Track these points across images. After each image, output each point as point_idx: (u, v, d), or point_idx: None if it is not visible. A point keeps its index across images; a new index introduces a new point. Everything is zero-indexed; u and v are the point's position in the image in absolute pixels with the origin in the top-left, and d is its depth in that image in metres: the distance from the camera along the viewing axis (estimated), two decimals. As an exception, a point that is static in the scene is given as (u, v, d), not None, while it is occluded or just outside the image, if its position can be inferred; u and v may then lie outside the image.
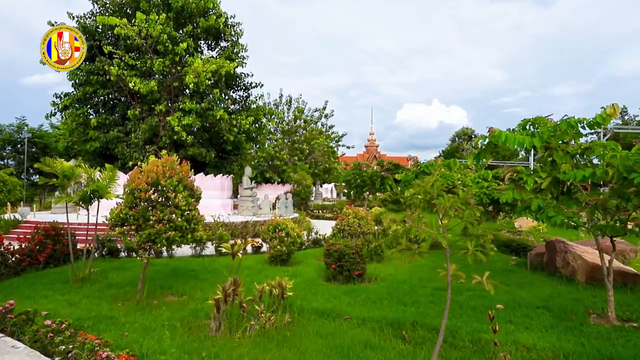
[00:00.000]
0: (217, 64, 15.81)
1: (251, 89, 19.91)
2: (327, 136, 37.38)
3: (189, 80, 15.00)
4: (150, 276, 7.42)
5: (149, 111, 16.32)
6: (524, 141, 5.84)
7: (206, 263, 9.10)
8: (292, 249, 8.97)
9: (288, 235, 8.96)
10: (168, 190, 5.70)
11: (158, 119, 15.82)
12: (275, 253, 8.79)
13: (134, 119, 16.06)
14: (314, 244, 11.89)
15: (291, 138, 35.73)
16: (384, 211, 21.52)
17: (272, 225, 9.05)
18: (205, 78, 15.64)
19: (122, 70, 15.68)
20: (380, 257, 9.66)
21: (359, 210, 9.89)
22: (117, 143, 15.95)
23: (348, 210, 9.93)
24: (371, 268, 8.61)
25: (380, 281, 7.49)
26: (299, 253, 10.72)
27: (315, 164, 36.48)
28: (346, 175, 32.72)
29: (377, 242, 9.70)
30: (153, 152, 15.71)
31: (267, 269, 8.48)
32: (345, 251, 7.29)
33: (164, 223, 5.62)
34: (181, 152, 16.35)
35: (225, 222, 14.05)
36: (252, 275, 7.87)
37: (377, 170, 32.00)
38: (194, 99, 16.10)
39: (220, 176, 17.58)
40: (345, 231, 9.73)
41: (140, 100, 16.93)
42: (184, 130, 15.53)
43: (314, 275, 7.89)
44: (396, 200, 40.27)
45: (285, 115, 37.12)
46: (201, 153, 16.32)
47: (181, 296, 6.49)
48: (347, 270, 7.26)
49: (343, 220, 9.83)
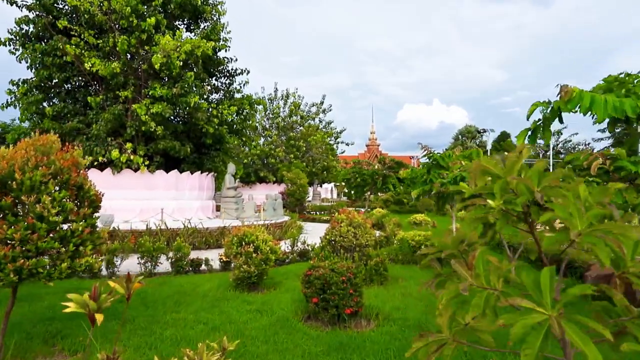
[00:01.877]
0: (192, 43, 13.53)
1: (236, 75, 17.62)
2: (325, 133, 35.06)
3: (155, 61, 12.72)
4: (41, 315, 5.13)
5: (114, 99, 14.05)
6: (623, 106, 3.50)
7: (149, 288, 6.81)
8: (264, 269, 6.67)
9: (258, 250, 6.66)
10: (26, 190, 3.38)
11: (123, 107, 13.54)
12: (241, 275, 6.50)
13: (97, 107, 13.80)
14: (300, 257, 9.59)
15: (287, 134, 33.44)
16: (386, 213, 19.20)
17: (236, 236, 6.75)
18: (177, 59, 13.35)
19: (81, 50, 13.41)
20: (383, 277, 7.36)
21: (354, 216, 7.58)
22: (76, 135, 13.69)
23: (340, 216, 7.63)
24: (370, 295, 6.31)
25: (384, 322, 5.17)
26: (279, 270, 8.42)
27: (312, 162, 34.17)
28: (345, 173, 30.44)
29: (378, 258, 7.40)
30: (117, 145, 13.44)
31: (226, 298, 6.18)
32: (332, 278, 4.98)
33: (13, 245, 3.31)
34: (151, 145, 14.06)
35: (199, 227, 11.78)
36: (202, 310, 5.58)
37: (379, 168, 29.69)
38: (167, 84, 13.83)
39: (199, 174, 15.29)
40: (337, 243, 7.43)
41: (105, 86, 14.66)
42: (153, 120, 13.26)
43: (289, 309, 5.59)
44: (399, 200, 37.87)
45: (281, 111, 34.87)
46: (174, 147, 14.04)
47: (75, 353, 4.20)
48: (335, 307, 4.96)
49: (334, 228, 7.53)
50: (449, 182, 6.25)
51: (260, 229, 7.00)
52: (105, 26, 13.86)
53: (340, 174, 31.57)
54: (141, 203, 13.74)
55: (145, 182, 13.88)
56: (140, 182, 13.78)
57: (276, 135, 32.93)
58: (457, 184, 5.79)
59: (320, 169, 34.21)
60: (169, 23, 15.09)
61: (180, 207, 14.50)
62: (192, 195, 15.09)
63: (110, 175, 13.54)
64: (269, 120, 34.93)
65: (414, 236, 9.53)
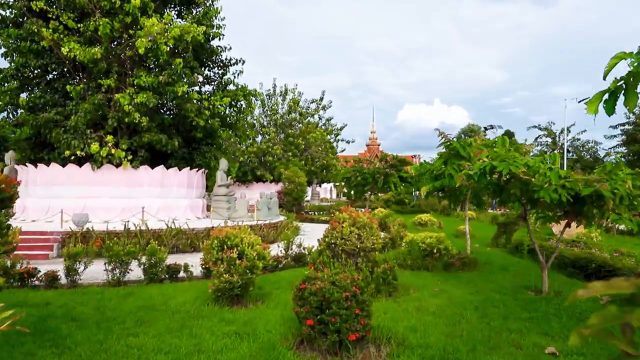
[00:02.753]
0: (180, 28, 12.40)
1: (230, 65, 16.48)
2: (325, 130, 33.92)
3: (139, 45, 11.59)
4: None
5: (96, 88, 12.91)
6: None
7: (110, 302, 5.66)
8: (250, 278, 5.53)
9: (243, 256, 5.51)
10: None
11: (105, 96, 12.39)
12: (222, 286, 5.35)
13: (77, 97, 12.65)
14: (295, 262, 8.45)
15: (285, 132, 32.31)
16: (389, 213, 18.08)
17: (217, 239, 5.60)
18: (165, 44, 12.23)
19: (59, 34, 12.28)
20: (392, 287, 6.22)
21: (358, 214, 6.43)
22: (53, 128, 12.55)
23: (342, 215, 6.48)
24: (379, 311, 5.17)
25: (399, 349, 4.02)
26: (270, 277, 7.28)
27: (311, 161, 33.04)
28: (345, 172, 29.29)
29: (386, 265, 6.26)
30: (97, 138, 12.29)
31: (201, 316, 5.04)
32: (333, 295, 3.84)
33: None
34: (135, 138, 12.91)
35: (184, 228, 10.63)
36: (167, 332, 4.43)
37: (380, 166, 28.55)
38: (154, 73, 12.69)
39: (187, 170, 14.14)
40: (338, 247, 6.28)
41: (86, 75, 13.54)
42: (137, 110, 12.12)
43: (277, 331, 4.44)
44: (400, 200, 36.69)
45: (279, 108, 33.75)
46: (160, 140, 12.89)
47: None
48: (336, 332, 3.81)
49: (335, 229, 6.38)
50: (476, 174, 5.12)
51: (246, 231, 5.86)
52: (87, 8, 12.73)
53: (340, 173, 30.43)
54: (123, 201, 12.60)
55: (128, 178, 12.74)
56: (122, 178, 12.65)
57: (274, 133, 31.81)
58: (486, 176, 4.62)
59: (319, 167, 33.07)
60: (158, 7, 13.96)
61: (167, 206, 13.35)
62: (180, 193, 13.95)
63: (90, 171, 12.41)
64: (267, 117, 33.83)
65: (425, 238, 8.39)
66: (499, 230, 11.54)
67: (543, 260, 6.15)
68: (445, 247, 8.33)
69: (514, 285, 6.77)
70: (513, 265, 8.48)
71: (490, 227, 17.64)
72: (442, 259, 8.20)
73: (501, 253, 10.24)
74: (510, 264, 8.62)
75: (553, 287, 6.35)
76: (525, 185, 5.17)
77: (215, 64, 16.33)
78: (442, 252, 8.26)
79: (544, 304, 5.54)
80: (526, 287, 6.62)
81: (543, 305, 5.51)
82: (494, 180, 5.66)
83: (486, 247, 11.25)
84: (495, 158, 5.27)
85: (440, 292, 6.32)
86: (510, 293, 6.22)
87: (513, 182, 5.33)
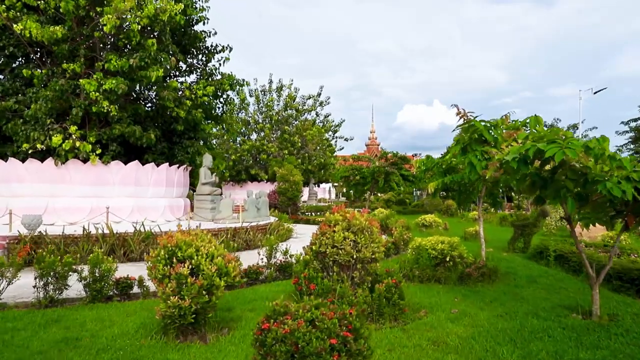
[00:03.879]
0: (155, 5, 10.99)
1: (216, 53, 15.05)
2: (322, 127, 32.50)
3: (106, 23, 10.17)
4: None
5: (62, 74, 11.47)
6: None
7: (22, 334, 4.23)
8: (209, 302, 4.11)
9: (197, 272, 4.10)
10: None
11: (68, 82, 10.96)
12: (169, 313, 3.94)
13: (40, 84, 11.22)
14: (280, 273, 7.03)
15: (281, 128, 30.91)
16: (391, 214, 16.65)
17: (165, 249, 4.19)
18: (136, 23, 10.81)
19: (16, 12, 10.86)
20: (398, 308, 4.81)
21: (354, 215, 5.00)
22: (11, 118, 11.11)
23: (334, 216, 5.06)
24: (382, 347, 3.77)
25: None
26: (245, 293, 5.87)
27: (308, 159, 31.63)
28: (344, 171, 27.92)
29: (390, 280, 4.85)
30: (60, 129, 10.85)
31: (140, 357, 3.62)
32: (310, 344, 2.42)
33: None
34: (104, 130, 11.47)
35: (155, 231, 9.20)
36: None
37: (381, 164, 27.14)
38: (125, 56, 11.26)
39: (166, 166, 12.70)
40: (329, 256, 4.87)
41: (51, 59, 12.11)
42: (106, 98, 10.70)
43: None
44: (401, 200, 35.25)
45: (274, 104, 32.34)
46: (134, 132, 11.45)
47: None
48: (316, 403, 2.39)
49: (324, 234, 4.97)
50: (515, 161, 3.71)
51: (205, 237, 4.44)
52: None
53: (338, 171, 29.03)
54: (91, 201, 11.16)
55: (97, 175, 11.30)
56: (90, 175, 11.21)
57: (268, 129, 30.39)
58: (527, 164, 3.21)
59: (316, 166, 31.65)
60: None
61: (142, 207, 11.92)
62: (158, 192, 12.51)
63: (53, 167, 10.96)
64: (262, 114, 32.41)
65: (436, 244, 6.98)
66: (515, 232, 10.13)
67: (593, 275, 4.74)
68: (459, 254, 6.92)
69: (552, 304, 5.36)
70: (541, 277, 7.06)
71: (501, 229, 16.24)
72: (457, 269, 6.78)
73: (521, 260, 8.83)
74: (537, 275, 7.21)
75: (604, 307, 4.95)
76: (582, 175, 3.77)
77: (200, 51, 14.91)
78: (456, 260, 6.85)
79: (604, 335, 4.12)
80: (567, 307, 5.21)
81: (603, 336, 4.10)
82: (534, 170, 4.25)
83: (502, 252, 9.84)
84: (539, 139, 3.86)
85: (459, 315, 4.91)
86: (551, 316, 4.81)
87: (562, 172, 3.93)
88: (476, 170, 4.80)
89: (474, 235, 12.68)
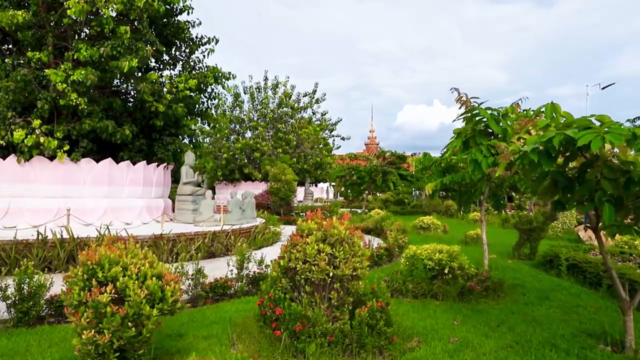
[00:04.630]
0: (131, -10, 10.09)
1: (201, 45, 14.13)
2: (319, 125, 31.56)
3: (69, 5, 9.26)
4: None
5: (28, 64, 10.56)
6: None
7: None
8: (137, 337, 3.19)
9: (125, 297, 3.18)
10: None
11: (34, 73, 10.05)
12: (85, 350, 3.03)
13: (2, 73, 10.31)
14: (252, 287, 6.12)
15: (275, 126, 29.98)
16: (387, 215, 15.75)
17: (85, 267, 3.27)
18: (108, 8, 9.90)
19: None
20: (385, 337, 3.90)
21: (331, 223, 4.09)
22: (-28, 111, 10.22)
23: (307, 224, 4.16)
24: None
25: None
26: (204, 313, 4.95)
27: (304, 158, 30.71)
28: (339, 170, 27.03)
29: (375, 303, 3.95)
30: (23, 124, 9.93)
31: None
32: None
33: None
34: (73, 125, 10.55)
35: (122, 236, 8.28)
36: None
37: (378, 163, 26.25)
38: (97, 45, 10.34)
39: (144, 165, 11.77)
40: (300, 274, 3.96)
41: (18, 48, 11.20)
42: (74, 90, 9.79)
43: None
44: (400, 200, 34.29)
45: (270, 102, 31.41)
46: (106, 127, 10.53)
47: None
48: None
49: (295, 246, 4.08)
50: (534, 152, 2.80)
51: (137, 251, 3.53)
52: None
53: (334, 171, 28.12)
54: (59, 202, 10.25)
55: (66, 173, 10.38)
56: (57, 174, 10.29)
57: (262, 128, 29.47)
58: (551, 156, 2.33)
59: (312, 165, 30.72)
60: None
61: (116, 208, 11.02)
62: (134, 192, 11.59)
63: (16, 164, 10.04)
64: (256, 112, 31.47)
65: (432, 253, 6.07)
66: (521, 237, 9.22)
67: (627, 298, 3.83)
68: (460, 264, 6.02)
69: (571, 329, 4.45)
70: (554, 291, 6.16)
71: (503, 231, 15.31)
72: (457, 283, 5.88)
73: (529, 269, 7.92)
74: (549, 288, 6.30)
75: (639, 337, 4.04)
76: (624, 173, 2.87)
77: (184, 42, 13.99)
78: (455, 272, 5.94)
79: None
80: (591, 333, 4.30)
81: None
82: (555, 168, 3.34)
83: (507, 259, 8.93)
84: (565, 127, 2.95)
85: (460, 346, 4.00)
86: (574, 348, 3.90)
87: (595, 169, 3.02)
88: (481, 168, 3.90)
89: (475, 239, 11.77)
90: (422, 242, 12.88)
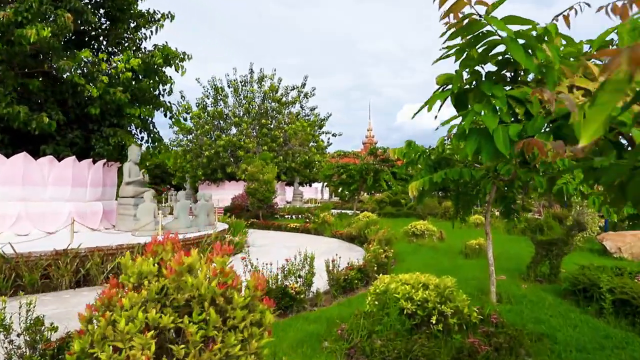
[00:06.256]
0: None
1: (152, 22, 12.02)
2: (307, 121, 29.42)
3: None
4: None
5: None
6: None
7: None
8: None
9: None
10: None
11: None
12: None
13: None
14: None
15: (259, 122, 27.87)
16: (375, 220, 13.61)
17: None
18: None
19: None
20: None
21: (180, 259, 1.99)
22: None
23: (140, 262, 2.09)
24: None
25: None
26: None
27: (292, 156, 28.60)
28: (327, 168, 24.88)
29: None
30: None
31: None
32: None
33: None
34: (-28, 111, 8.47)
35: (7, 253, 6.18)
36: None
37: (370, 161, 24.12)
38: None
39: (73, 161, 9.64)
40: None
41: None
42: (-30, 67, 7.74)
43: None
44: (396, 201, 32.11)
45: (255, 96, 29.31)
46: (17, 115, 8.43)
47: None
48: None
49: (111, 307, 2.01)
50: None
51: None
52: None
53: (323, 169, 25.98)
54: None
55: (-38, 172, 8.28)
56: (-52, 172, 8.19)
57: (246, 124, 27.36)
58: None
59: (300, 164, 28.61)
60: None
61: (35, 213, 8.92)
62: (61, 194, 9.46)
63: None
64: (241, 107, 29.37)
65: (414, 289, 3.94)
66: (538, 253, 7.07)
67: None
68: (455, 307, 3.89)
69: None
70: (604, 349, 4.00)
71: (510, 238, 13.15)
72: (450, 338, 3.75)
73: (553, 300, 5.75)
74: (594, 341, 4.15)
75: None
76: None
77: (132, 18, 11.87)
78: (448, 320, 3.81)
79: None
80: None
81: None
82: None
83: (520, 282, 6.78)
84: None
85: None
86: None
87: None
88: (494, 146, 1.78)
89: (476, 251, 9.63)
90: (413, 252, 10.75)
